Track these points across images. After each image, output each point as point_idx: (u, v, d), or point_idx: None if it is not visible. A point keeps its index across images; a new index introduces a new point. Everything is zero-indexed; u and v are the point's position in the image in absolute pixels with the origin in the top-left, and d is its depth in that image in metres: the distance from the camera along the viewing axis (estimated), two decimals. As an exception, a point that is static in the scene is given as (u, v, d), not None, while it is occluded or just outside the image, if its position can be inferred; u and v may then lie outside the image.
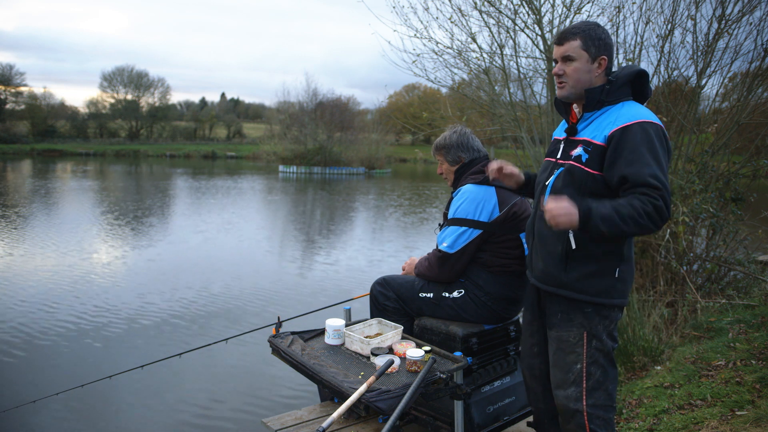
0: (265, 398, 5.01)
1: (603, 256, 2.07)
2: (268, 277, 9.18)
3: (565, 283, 2.10)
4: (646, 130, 1.98)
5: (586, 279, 2.08)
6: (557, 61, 2.16)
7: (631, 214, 1.86)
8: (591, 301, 2.09)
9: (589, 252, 2.07)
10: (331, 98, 45.42)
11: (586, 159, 2.06)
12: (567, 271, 2.09)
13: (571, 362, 2.12)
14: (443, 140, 2.84)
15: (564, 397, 2.13)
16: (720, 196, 5.88)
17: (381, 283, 2.87)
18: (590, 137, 2.09)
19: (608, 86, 2.09)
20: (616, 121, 2.03)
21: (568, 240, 2.07)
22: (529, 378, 2.42)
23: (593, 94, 2.10)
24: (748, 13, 5.69)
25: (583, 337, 2.11)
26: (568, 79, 2.13)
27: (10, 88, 56.77)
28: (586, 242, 2.06)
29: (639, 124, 1.99)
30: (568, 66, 2.11)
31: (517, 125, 6.80)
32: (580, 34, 2.10)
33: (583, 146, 2.09)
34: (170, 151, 56.22)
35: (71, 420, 4.52)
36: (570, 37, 2.11)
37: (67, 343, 6.04)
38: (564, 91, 2.15)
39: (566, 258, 2.09)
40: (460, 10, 6.72)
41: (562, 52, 2.12)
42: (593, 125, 2.11)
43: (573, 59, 2.10)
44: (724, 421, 2.93)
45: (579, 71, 2.10)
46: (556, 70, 2.15)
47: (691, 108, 6.13)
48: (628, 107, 2.07)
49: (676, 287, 5.71)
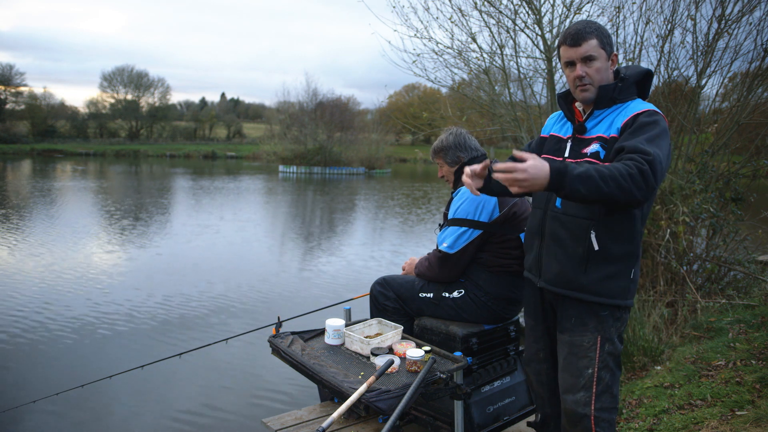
0: (265, 398, 5.01)
1: (622, 258, 2.04)
2: (268, 277, 9.18)
3: (583, 285, 2.05)
4: (654, 117, 1.97)
5: (605, 281, 2.03)
6: (573, 63, 2.08)
7: (613, 174, 1.73)
8: (608, 304, 2.05)
9: (610, 253, 2.02)
10: (331, 98, 45.50)
11: (605, 155, 2.02)
12: (587, 273, 2.04)
13: (583, 367, 2.08)
14: (440, 143, 2.85)
15: (573, 401, 2.10)
16: (720, 196, 5.88)
17: (381, 283, 2.88)
18: (605, 133, 2.06)
19: (620, 84, 2.07)
20: (627, 114, 2.03)
21: (590, 241, 2.01)
22: (536, 384, 2.38)
23: (606, 92, 2.06)
24: (748, 13, 5.69)
25: (597, 342, 2.07)
26: (592, 81, 2.06)
27: (10, 88, 56.84)
28: (608, 243, 2.02)
29: (648, 111, 1.99)
30: (590, 67, 2.05)
31: (517, 125, 6.80)
32: (595, 33, 2.04)
33: (600, 143, 2.05)
34: (170, 151, 56.24)
35: (71, 420, 4.52)
36: (587, 37, 2.04)
37: (66, 343, 6.04)
38: (589, 93, 2.08)
39: (587, 260, 2.03)
40: (460, 10, 6.73)
41: (583, 53, 2.04)
42: (605, 122, 2.08)
43: (594, 59, 2.04)
44: (724, 421, 2.93)
45: (601, 71, 2.06)
46: (579, 73, 2.06)
47: (691, 108, 6.13)
48: (638, 104, 2.07)
49: (676, 287, 5.71)
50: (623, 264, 2.04)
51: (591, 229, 2.01)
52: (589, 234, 2.01)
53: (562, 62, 2.15)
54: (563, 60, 2.12)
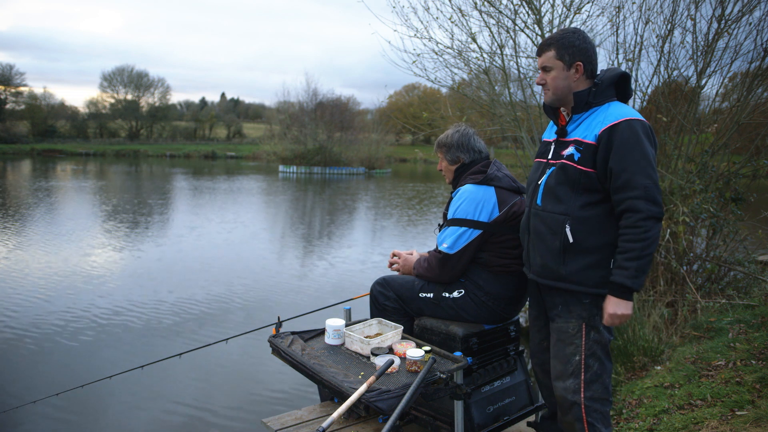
0: (265, 398, 5.01)
1: (598, 249, 2.16)
2: (268, 277, 9.19)
3: (563, 275, 2.20)
4: (633, 127, 2.10)
5: (583, 271, 2.17)
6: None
7: (641, 244, 2.02)
8: (589, 292, 2.17)
9: (586, 245, 2.16)
10: (331, 98, 45.44)
11: (579, 158, 2.17)
12: (566, 264, 2.19)
13: (570, 354, 2.21)
14: (445, 138, 2.85)
15: (563, 388, 2.21)
16: (720, 196, 5.88)
17: (381, 283, 2.87)
18: (581, 137, 2.20)
19: (594, 89, 2.22)
20: (604, 121, 2.16)
21: (565, 234, 2.17)
22: (541, 374, 2.49)
23: (581, 97, 2.23)
24: (748, 13, 5.69)
25: (582, 329, 2.20)
26: (549, 87, 2.28)
27: (10, 88, 56.80)
28: (583, 236, 2.16)
29: (626, 122, 2.12)
30: (548, 75, 2.27)
31: (517, 125, 6.80)
32: (554, 45, 2.25)
33: (575, 146, 2.20)
34: (170, 151, 56.22)
35: (71, 420, 4.52)
36: (545, 49, 2.27)
37: (67, 344, 6.04)
38: (547, 97, 2.31)
39: (564, 252, 2.18)
40: (460, 10, 6.72)
41: (541, 63, 2.29)
42: (582, 126, 2.23)
43: (550, 69, 2.26)
44: (724, 421, 2.93)
45: (556, 79, 2.26)
46: (538, 80, 2.32)
47: (691, 108, 6.13)
48: (614, 107, 2.20)
49: (676, 287, 5.71)
50: (601, 254, 2.17)
51: (566, 223, 2.17)
52: (564, 228, 2.17)
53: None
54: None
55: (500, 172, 2.71)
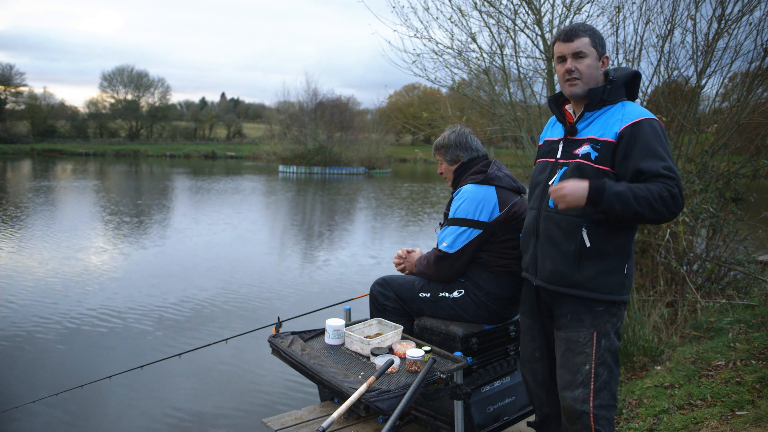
0: (265, 398, 5.01)
1: (614, 253, 2.08)
2: (268, 277, 9.18)
3: (578, 282, 2.10)
4: (654, 127, 2.04)
5: (599, 277, 2.08)
6: (564, 58, 2.15)
7: (647, 196, 1.90)
8: (603, 299, 2.09)
9: (602, 249, 2.08)
10: (331, 98, 45.46)
11: (596, 156, 2.07)
12: (581, 270, 2.09)
13: (580, 363, 2.11)
14: (442, 140, 2.86)
15: (571, 398, 2.12)
16: (720, 196, 5.88)
17: (381, 283, 2.87)
18: (597, 135, 2.11)
19: (609, 86, 2.13)
20: (623, 119, 2.07)
21: (582, 238, 2.07)
22: (533, 383, 2.40)
23: (596, 94, 2.13)
24: (748, 13, 5.69)
25: (593, 338, 2.10)
26: (581, 76, 2.12)
27: (10, 88, 56.82)
28: (600, 240, 2.07)
29: (647, 120, 2.05)
30: (580, 63, 2.12)
31: (517, 125, 6.79)
32: (588, 32, 2.13)
33: (591, 144, 2.10)
34: (170, 151, 56.25)
35: (71, 420, 4.52)
36: (580, 34, 2.12)
37: (66, 344, 6.04)
38: (577, 87, 2.14)
39: (580, 257, 2.08)
40: (460, 10, 6.72)
41: (574, 48, 2.12)
42: (596, 124, 2.13)
43: (585, 56, 2.12)
44: (724, 421, 2.93)
45: (591, 67, 2.12)
46: (569, 66, 2.13)
47: (691, 108, 6.13)
48: (631, 106, 2.13)
49: (676, 287, 5.71)
50: (616, 260, 2.09)
51: (582, 226, 2.07)
52: (581, 232, 2.07)
53: (555, 59, 2.22)
54: (556, 55, 2.20)
55: (501, 172, 2.72)
